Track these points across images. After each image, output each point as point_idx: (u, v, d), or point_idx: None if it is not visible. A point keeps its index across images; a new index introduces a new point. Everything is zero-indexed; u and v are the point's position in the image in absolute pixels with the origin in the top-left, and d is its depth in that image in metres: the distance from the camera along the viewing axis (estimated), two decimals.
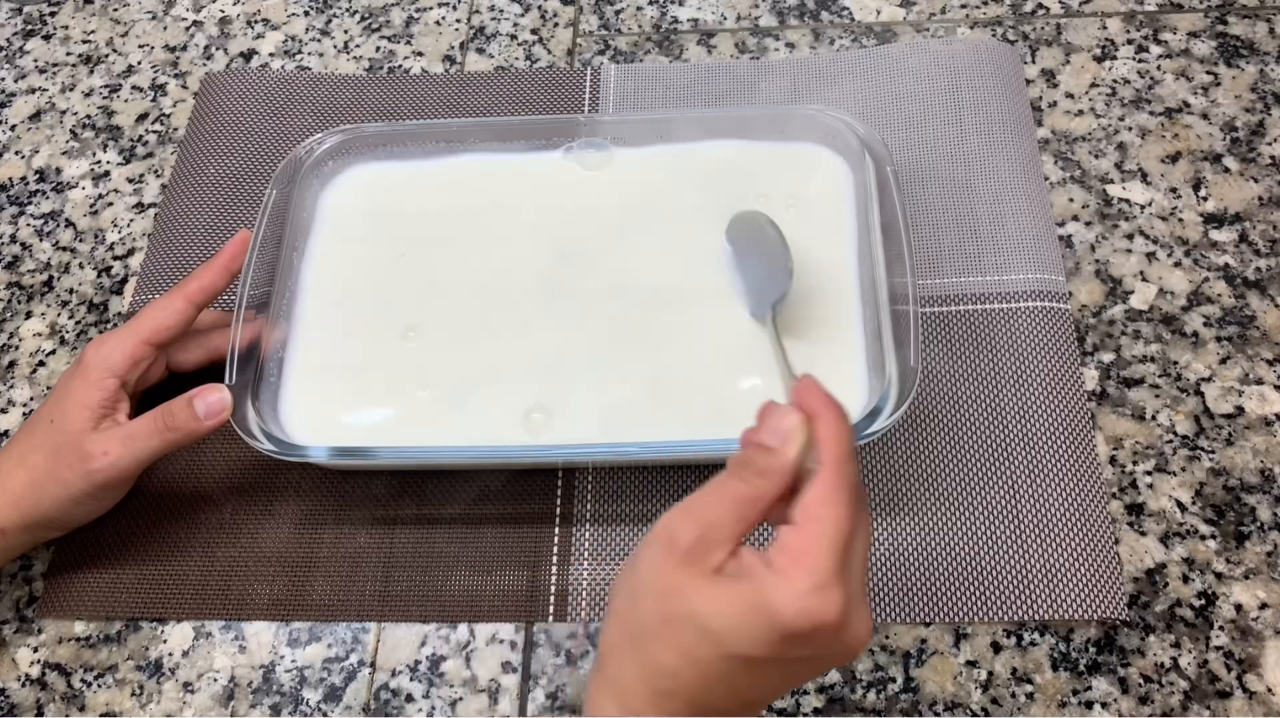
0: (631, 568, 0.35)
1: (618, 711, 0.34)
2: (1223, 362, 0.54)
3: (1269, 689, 0.46)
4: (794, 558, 0.32)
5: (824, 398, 0.35)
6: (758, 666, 0.32)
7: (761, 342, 0.53)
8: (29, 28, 0.76)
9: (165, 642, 0.52)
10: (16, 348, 0.62)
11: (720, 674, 0.33)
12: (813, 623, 0.31)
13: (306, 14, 0.74)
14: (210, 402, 0.49)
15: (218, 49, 0.73)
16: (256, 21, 0.74)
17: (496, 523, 0.53)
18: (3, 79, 0.73)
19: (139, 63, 0.73)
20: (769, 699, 0.36)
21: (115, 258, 0.64)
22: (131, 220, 0.65)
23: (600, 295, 0.55)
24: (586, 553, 0.52)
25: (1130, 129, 0.62)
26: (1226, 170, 0.60)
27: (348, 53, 0.71)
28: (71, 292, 0.63)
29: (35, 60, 0.74)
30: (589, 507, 0.53)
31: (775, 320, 0.50)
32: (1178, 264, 0.57)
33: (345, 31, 0.72)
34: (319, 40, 0.72)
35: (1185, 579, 0.49)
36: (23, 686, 0.51)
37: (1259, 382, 0.54)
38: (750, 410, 0.53)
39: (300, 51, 0.72)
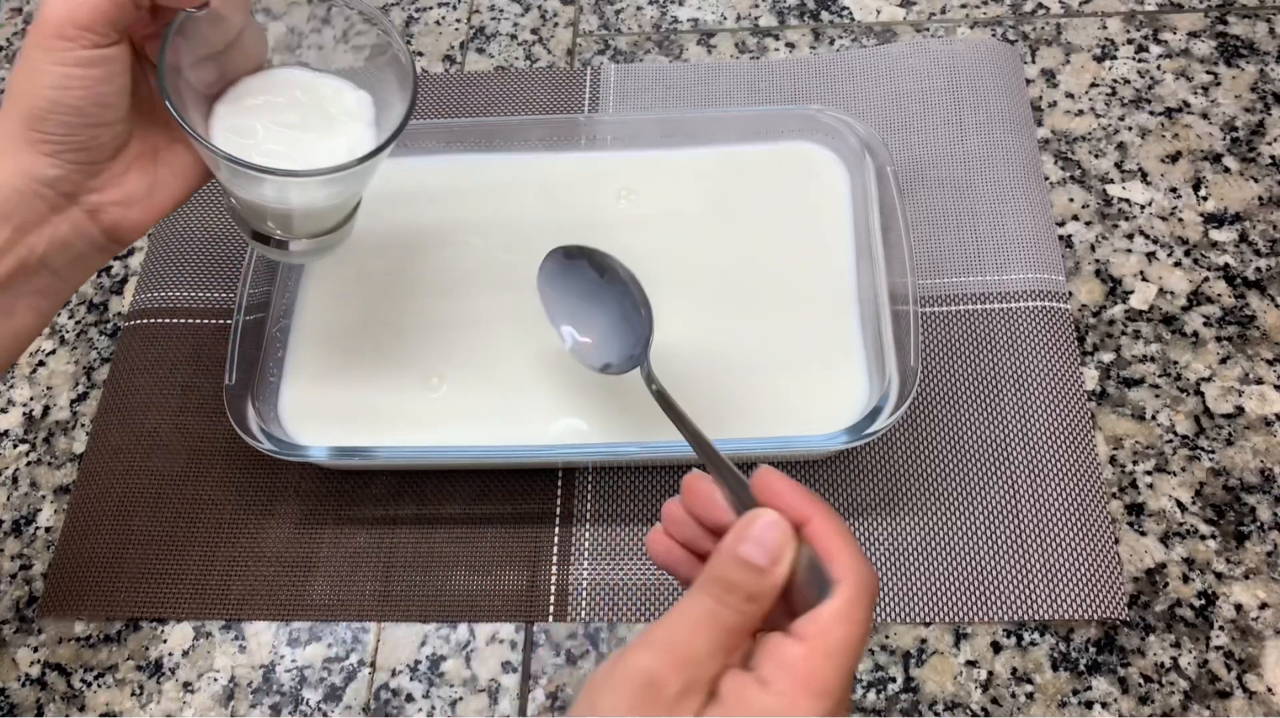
0: (597, 711, 0.29)
1: None
2: (1223, 361, 0.54)
3: (1269, 689, 0.46)
4: (801, 680, 0.28)
5: (804, 495, 0.31)
6: None
7: (763, 340, 0.53)
8: (29, 27, 0.76)
9: (165, 642, 0.52)
10: None
11: None
12: None
13: None
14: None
15: None
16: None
17: (496, 523, 0.53)
18: (2, 79, 0.73)
19: None
20: None
21: (115, 258, 0.64)
22: None
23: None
24: (586, 553, 0.52)
25: (1130, 129, 0.62)
26: (1226, 170, 0.60)
27: None
28: None
29: None
30: (589, 506, 0.53)
31: (650, 374, 0.44)
32: (1178, 264, 0.57)
33: None
34: None
35: (1185, 579, 0.49)
36: (23, 686, 0.51)
37: (1259, 381, 0.54)
38: (751, 411, 0.53)
39: None
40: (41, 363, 0.61)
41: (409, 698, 0.49)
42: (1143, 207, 0.59)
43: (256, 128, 0.43)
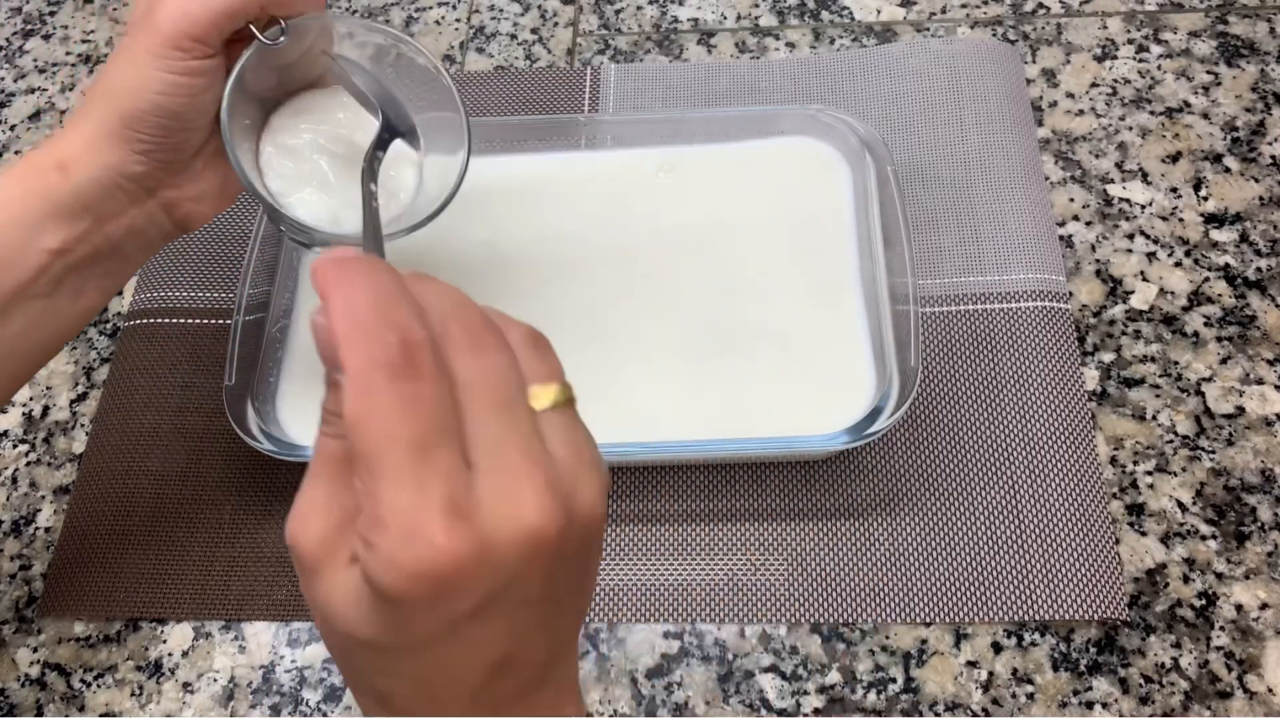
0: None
1: None
2: (1223, 362, 0.54)
3: (1270, 690, 0.46)
4: (370, 520, 0.23)
5: (331, 265, 0.25)
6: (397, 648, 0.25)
7: (763, 340, 0.53)
8: (29, 27, 0.76)
9: (165, 642, 0.52)
10: None
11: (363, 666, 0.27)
12: (425, 576, 0.23)
13: None
14: None
15: None
16: None
17: None
18: (2, 79, 0.73)
19: None
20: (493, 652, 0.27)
21: None
22: None
23: (599, 295, 0.55)
24: None
25: (1131, 129, 0.62)
26: (1227, 170, 0.60)
27: None
28: None
29: (35, 60, 0.74)
30: None
31: (373, 164, 0.43)
32: (1178, 264, 0.57)
33: None
34: None
35: (1186, 580, 0.49)
36: (22, 686, 0.51)
37: (1259, 382, 0.53)
38: (751, 410, 0.52)
39: None
40: None
41: None
42: (1143, 207, 0.59)
43: (304, 149, 0.45)
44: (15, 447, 0.58)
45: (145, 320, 0.60)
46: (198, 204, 0.44)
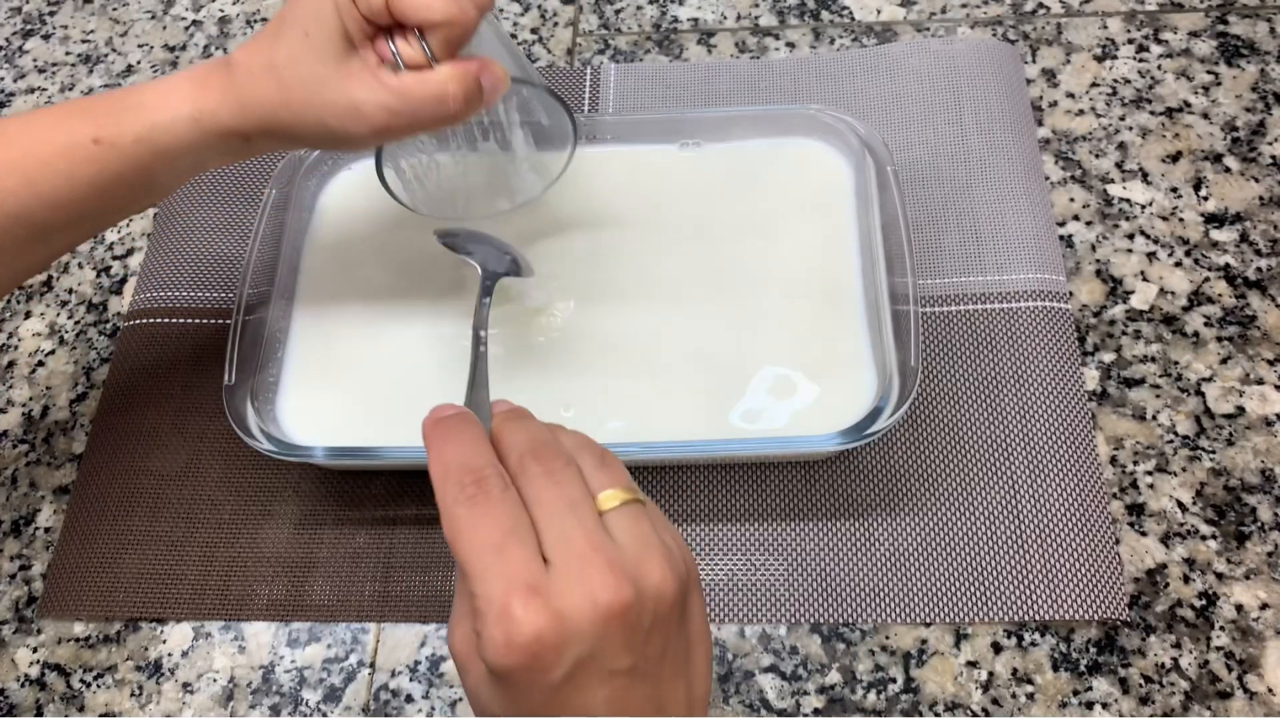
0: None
1: None
2: (1223, 362, 0.54)
3: (1270, 690, 0.46)
4: (475, 615, 0.30)
5: (431, 425, 0.34)
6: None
7: (763, 340, 0.53)
8: (28, 27, 0.76)
9: (165, 642, 0.52)
10: (16, 348, 0.62)
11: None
12: (515, 647, 0.29)
13: None
14: (495, 81, 0.42)
15: (217, 49, 0.73)
16: (256, 21, 0.74)
17: None
18: (2, 79, 0.73)
19: (138, 62, 0.73)
20: None
21: (114, 258, 0.64)
22: (131, 220, 0.65)
23: (598, 294, 0.55)
24: None
25: (1131, 129, 0.62)
26: (1227, 170, 0.60)
27: None
28: (71, 291, 0.63)
29: (35, 60, 0.74)
30: None
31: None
32: (1178, 264, 0.57)
33: None
34: None
35: (1186, 580, 0.49)
36: (22, 686, 0.51)
37: (1260, 382, 0.53)
38: (752, 410, 0.53)
39: None
40: (41, 363, 0.61)
41: (409, 699, 0.49)
42: (1143, 206, 0.59)
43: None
44: (15, 447, 0.58)
45: (145, 320, 0.60)
46: None
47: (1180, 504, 0.51)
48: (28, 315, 0.63)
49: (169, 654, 0.51)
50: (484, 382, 0.41)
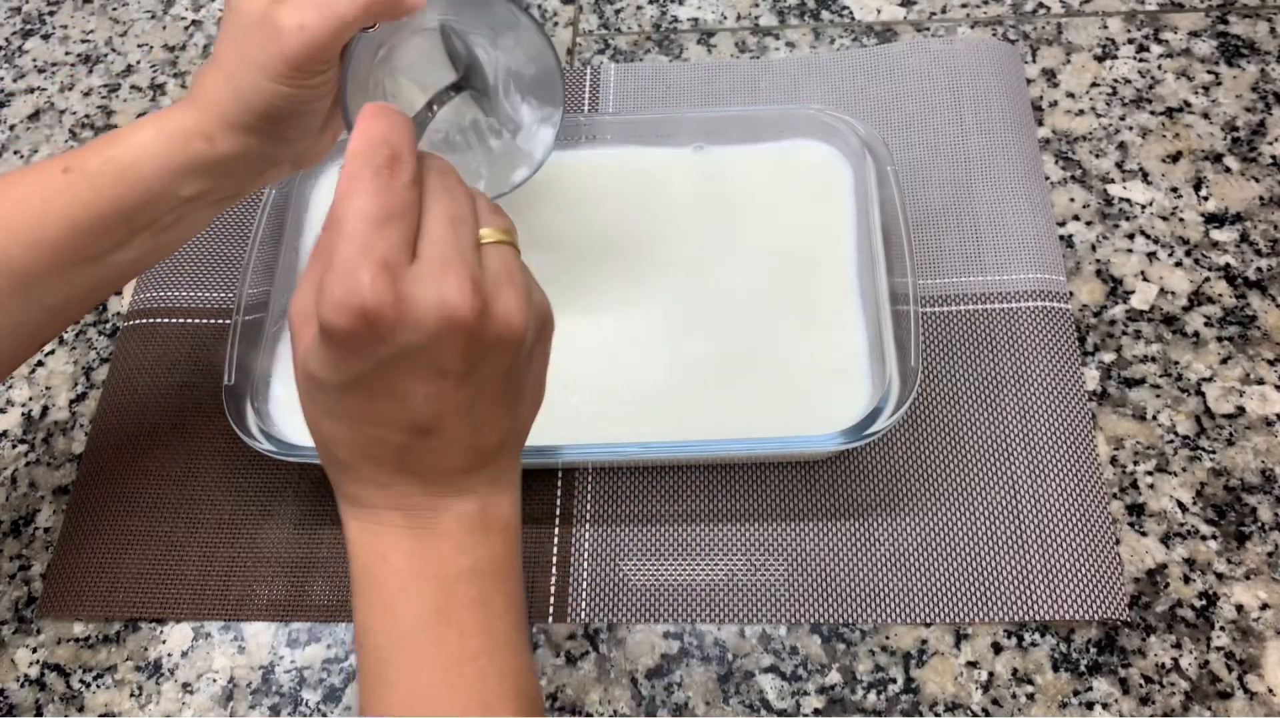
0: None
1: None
2: (1224, 362, 0.54)
3: (1270, 690, 0.46)
4: (325, 269, 0.31)
5: (369, 107, 0.33)
6: (341, 386, 0.32)
7: (763, 340, 0.53)
8: (28, 27, 0.76)
9: (164, 642, 0.52)
10: None
11: (321, 407, 0.33)
12: (350, 308, 0.29)
13: None
14: None
15: None
16: None
17: None
18: (1, 78, 0.73)
19: (138, 62, 0.73)
20: (398, 422, 0.33)
21: None
22: None
23: (597, 294, 0.55)
24: (586, 553, 0.51)
25: (1131, 128, 0.62)
26: (1227, 170, 0.60)
27: None
28: None
29: (34, 60, 0.74)
30: (589, 507, 0.53)
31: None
32: (1179, 264, 0.57)
33: None
34: None
35: (1186, 580, 0.49)
36: (21, 686, 0.51)
37: (1260, 382, 0.53)
38: (752, 410, 0.53)
39: None
40: (40, 363, 0.61)
41: None
42: (1143, 206, 0.59)
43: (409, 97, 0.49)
44: (15, 447, 0.58)
45: (145, 320, 0.60)
46: (320, 151, 0.48)
47: (1180, 504, 0.51)
48: None
49: (169, 655, 0.51)
50: (422, 124, 0.42)
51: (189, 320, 0.60)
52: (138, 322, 0.60)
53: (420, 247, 0.31)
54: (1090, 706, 0.46)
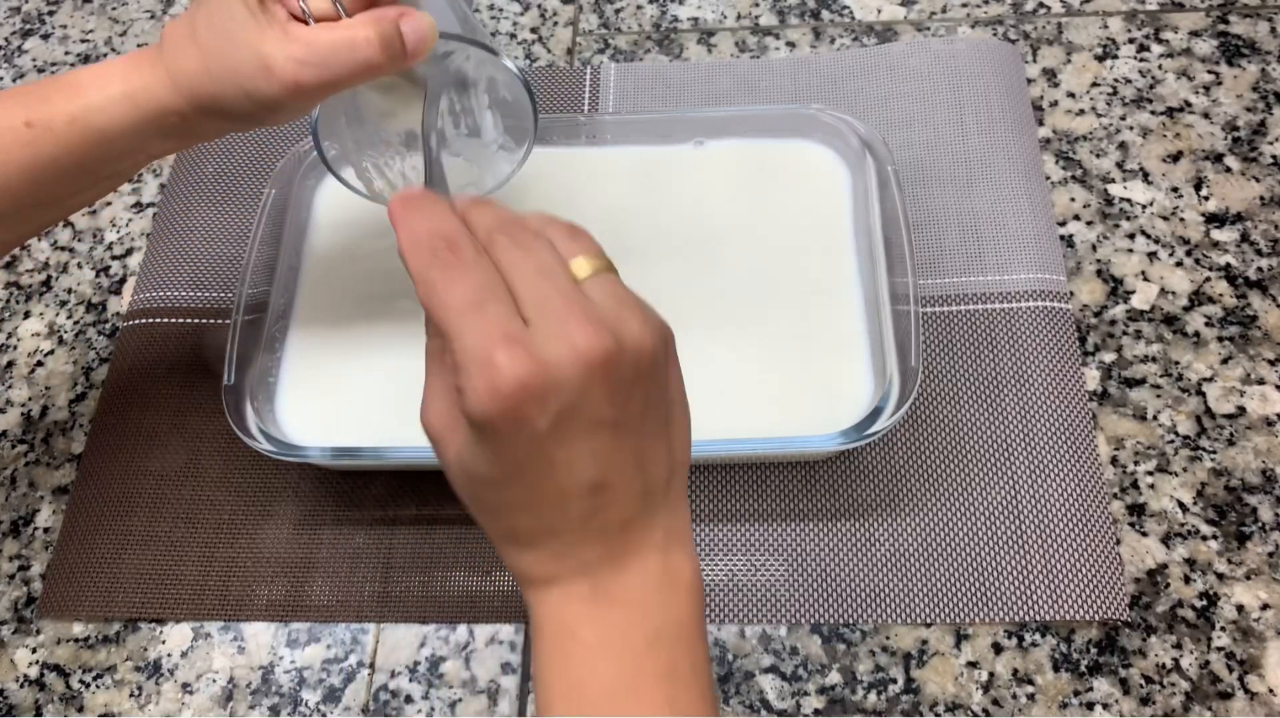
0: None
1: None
2: (1224, 362, 0.54)
3: (1270, 690, 0.46)
4: (455, 371, 0.30)
5: (397, 203, 0.32)
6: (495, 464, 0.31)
7: (764, 340, 0.53)
8: (27, 27, 0.76)
9: (164, 643, 0.51)
10: (15, 348, 0.62)
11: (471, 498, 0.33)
12: (499, 394, 0.28)
13: None
14: (419, 28, 0.41)
15: None
16: None
17: None
18: (1, 79, 0.73)
19: None
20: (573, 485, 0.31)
21: (114, 257, 0.64)
22: (130, 220, 0.65)
23: None
24: None
25: (1131, 128, 0.62)
26: (1228, 170, 0.60)
27: None
28: (70, 291, 0.63)
29: (34, 59, 0.74)
30: None
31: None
32: (1179, 264, 0.57)
33: None
34: None
35: (1187, 580, 0.49)
36: (21, 687, 0.51)
37: (1260, 382, 0.53)
38: (752, 410, 0.52)
39: None
40: (40, 363, 0.61)
41: (408, 699, 0.49)
42: (1144, 206, 0.59)
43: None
44: (14, 447, 0.58)
45: (144, 320, 0.60)
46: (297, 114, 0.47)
47: (1181, 504, 0.51)
48: (27, 315, 0.63)
49: (168, 655, 0.51)
50: (441, 178, 0.41)
51: (189, 320, 0.60)
52: (138, 322, 0.60)
53: (525, 311, 0.30)
54: (1091, 706, 0.46)
